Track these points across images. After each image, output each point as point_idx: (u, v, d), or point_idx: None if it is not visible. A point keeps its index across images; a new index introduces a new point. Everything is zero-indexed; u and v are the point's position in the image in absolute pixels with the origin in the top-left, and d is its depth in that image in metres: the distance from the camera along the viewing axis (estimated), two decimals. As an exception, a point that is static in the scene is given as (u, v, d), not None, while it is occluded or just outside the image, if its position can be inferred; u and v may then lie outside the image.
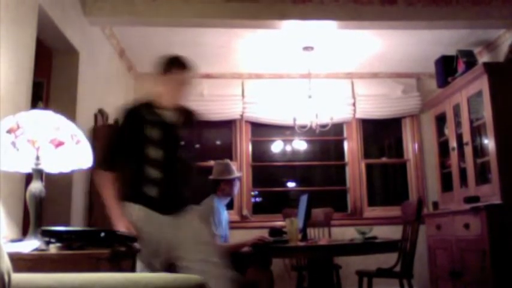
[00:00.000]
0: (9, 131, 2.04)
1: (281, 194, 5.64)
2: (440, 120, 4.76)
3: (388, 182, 5.87)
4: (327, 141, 5.72)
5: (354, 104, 5.45)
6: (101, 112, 4.01)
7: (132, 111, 2.52)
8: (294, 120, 4.84)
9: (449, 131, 4.53)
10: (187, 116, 2.59)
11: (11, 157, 2.06)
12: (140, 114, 2.47)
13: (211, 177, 3.54)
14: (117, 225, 2.33)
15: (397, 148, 5.69)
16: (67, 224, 3.23)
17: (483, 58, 4.74)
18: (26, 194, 2.15)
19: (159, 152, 2.41)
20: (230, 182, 3.52)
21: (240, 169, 5.17)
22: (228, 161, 3.67)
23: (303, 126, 4.87)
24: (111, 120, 4.23)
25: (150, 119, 2.45)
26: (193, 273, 2.26)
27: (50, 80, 3.51)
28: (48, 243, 2.08)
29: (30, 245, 2.04)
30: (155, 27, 4.14)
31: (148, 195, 2.40)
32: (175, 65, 2.48)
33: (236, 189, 3.62)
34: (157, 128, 2.44)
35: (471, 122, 4.12)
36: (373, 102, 5.46)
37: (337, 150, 5.67)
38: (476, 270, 3.59)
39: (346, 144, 5.59)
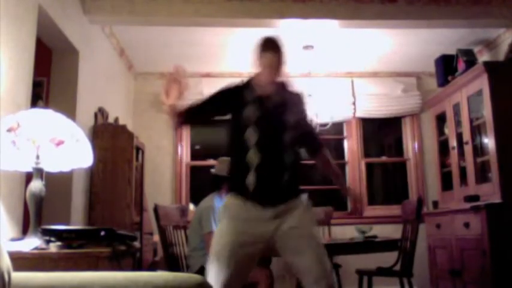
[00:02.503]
0: (9, 130, 2.04)
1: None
2: (441, 119, 4.75)
3: (388, 181, 5.87)
4: (327, 140, 5.71)
5: (354, 103, 5.45)
6: (100, 111, 4.02)
7: (234, 89, 2.37)
8: (294, 119, 4.83)
9: (449, 130, 4.53)
10: (290, 95, 2.38)
11: (11, 156, 2.06)
12: (241, 94, 2.32)
13: (218, 172, 3.49)
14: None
15: (397, 147, 5.69)
16: (67, 222, 3.23)
17: (483, 57, 4.74)
18: (26, 193, 2.15)
19: (255, 133, 2.22)
20: None
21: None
22: None
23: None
24: (111, 119, 4.24)
25: (249, 99, 2.29)
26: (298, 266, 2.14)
27: (50, 78, 3.51)
28: (48, 242, 2.08)
29: (30, 243, 2.05)
30: (155, 26, 4.14)
31: (246, 183, 2.21)
32: (261, 48, 2.32)
33: None
34: (255, 108, 2.26)
35: (471, 121, 4.11)
36: (373, 101, 5.45)
37: (337, 149, 5.67)
38: (476, 269, 3.59)
39: (346, 143, 5.59)
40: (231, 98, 2.36)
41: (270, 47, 2.31)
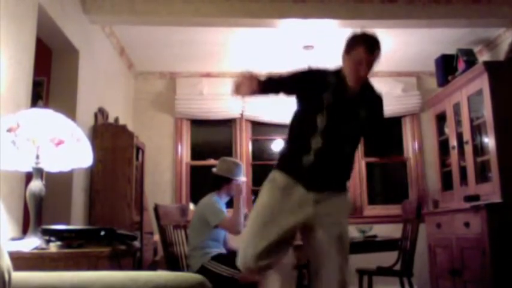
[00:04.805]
0: (9, 130, 2.05)
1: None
2: (441, 119, 4.75)
3: (388, 181, 5.87)
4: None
5: (354, 103, 5.44)
6: (101, 111, 4.02)
7: (318, 72, 2.41)
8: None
9: (450, 130, 4.53)
10: (369, 96, 2.38)
11: (11, 156, 2.07)
12: (325, 78, 2.35)
13: (219, 172, 3.48)
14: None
15: (398, 147, 5.68)
16: (67, 222, 3.23)
17: (483, 57, 4.74)
18: (26, 193, 2.15)
19: (324, 119, 2.25)
20: (239, 184, 3.51)
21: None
22: (241, 162, 3.71)
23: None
24: (111, 119, 4.24)
25: (330, 86, 2.31)
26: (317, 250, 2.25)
27: (50, 78, 3.51)
28: (48, 241, 2.09)
29: (31, 243, 2.05)
30: (155, 26, 4.14)
31: (303, 163, 2.26)
32: (355, 44, 2.30)
33: None
34: (332, 96, 2.28)
35: (471, 120, 4.11)
36: (373, 100, 5.45)
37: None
38: (476, 268, 3.60)
39: (346, 143, 5.58)
40: (315, 80, 2.36)
41: (360, 45, 2.28)
